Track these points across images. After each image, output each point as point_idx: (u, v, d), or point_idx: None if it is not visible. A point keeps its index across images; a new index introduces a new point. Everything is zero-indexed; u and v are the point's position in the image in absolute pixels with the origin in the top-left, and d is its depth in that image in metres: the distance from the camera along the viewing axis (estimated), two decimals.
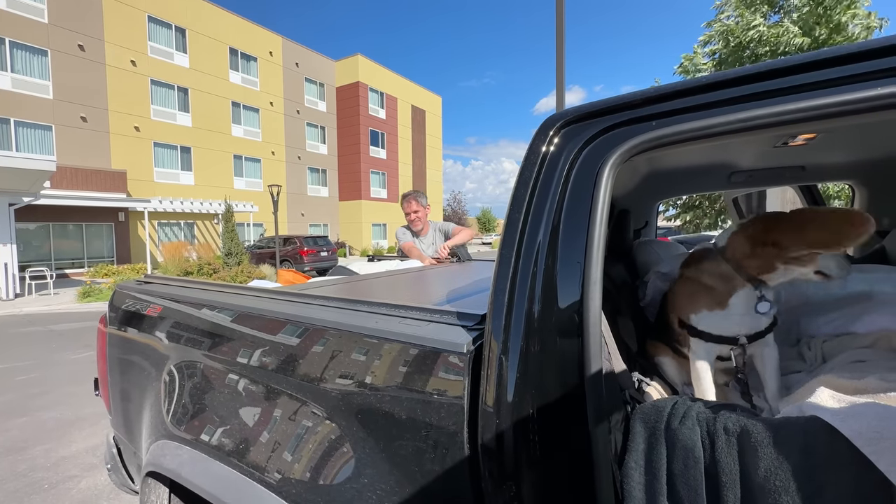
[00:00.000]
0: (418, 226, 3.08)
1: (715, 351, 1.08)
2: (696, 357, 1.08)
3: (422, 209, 3.06)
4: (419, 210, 3.05)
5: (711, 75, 0.73)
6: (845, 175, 1.68)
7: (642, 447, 0.75)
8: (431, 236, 3.12)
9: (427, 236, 3.12)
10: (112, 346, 1.56)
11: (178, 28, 19.55)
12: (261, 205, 21.34)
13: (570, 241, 0.77)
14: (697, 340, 1.08)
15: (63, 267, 15.69)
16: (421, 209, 3.06)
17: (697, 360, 1.08)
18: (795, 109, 0.64)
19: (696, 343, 1.09)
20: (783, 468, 0.64)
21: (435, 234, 3.13)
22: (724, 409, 0.74)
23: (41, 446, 3.09)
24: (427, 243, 3.09)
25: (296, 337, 1.02)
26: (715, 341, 1.05)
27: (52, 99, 15.80)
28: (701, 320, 1.07)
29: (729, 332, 1.04)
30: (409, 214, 3.06)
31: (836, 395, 0.71)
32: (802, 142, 1.12)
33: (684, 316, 1.11)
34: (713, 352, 1.08)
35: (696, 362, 1.08)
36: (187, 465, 1.10)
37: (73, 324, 7.73)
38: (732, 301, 1.04)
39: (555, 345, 0.75)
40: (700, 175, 1.62)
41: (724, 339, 1.04)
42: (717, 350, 1.08)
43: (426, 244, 3.09)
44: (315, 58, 26.64)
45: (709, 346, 1.07)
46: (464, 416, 0.75)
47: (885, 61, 0.61)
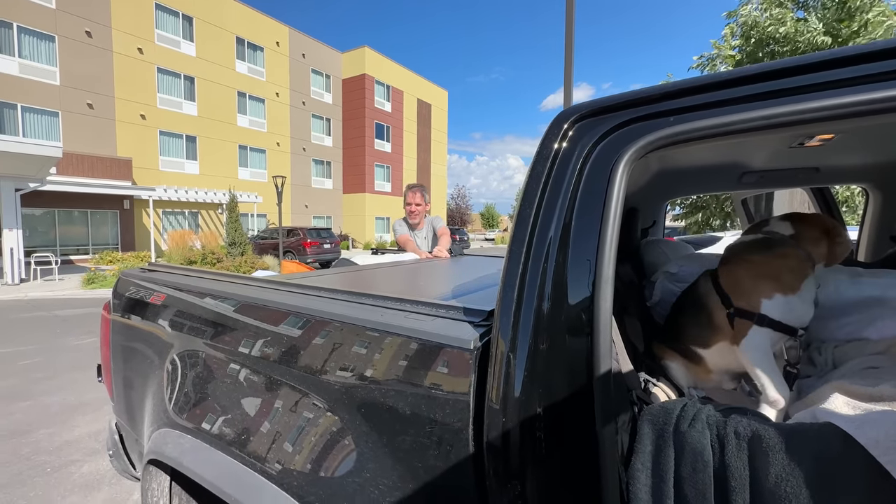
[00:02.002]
0: (416, 219, 3.15)
1: (776, 343, 1.05)
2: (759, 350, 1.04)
3: (424, 203, 3.14)
4: (422, 204, 3.13)
5: (732, 71, 0.71)
6: (860, 178, 1.65)
7: (649, 449, 0.74)
8: (426, 231, 3.21)
9: (422, 230, 3.20)
10: (115, 333, 1.56)
11: (186, 16, 19.49)
12: (265, 195, 21.37)
13: (582, 239, 0.75)
14: (762, 331, 1.04)
15: (68, 253, 15.80)
16: (423, 203, 3.14)
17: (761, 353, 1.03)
18: (818, 108, 0.62)
19: (759, 334, 1.04)
20: (795, 475, 0.63)
21: (428, 229, 3.22)
22: (734, 413, 0.72)
23: (45, 430, 3.12)
24: (422, 237, 3.18)
25: (299, 328, 1.01)
26: (783, 330, 1.03)
27: (58, 85, 15.82)
28: (775, 306, 1.03)
29: (799, 321, 1.02)
30: (410, 205, 3.12)
31: (851, 401, 0.70)
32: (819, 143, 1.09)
33: (752, 302, 1.06)
34: (777, 344, 1.05)
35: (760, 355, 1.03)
36: (189, 454, 1.10)
37: (77, 310, 7.79)
38: (805, 286, 1.04)
39: (564, 343, 0.73)
40: (711, 174, 1.60)
41: (788, 329, 1.02)
42: (778, 341, 1.05)
43: (420, 238, 3.18)
44: (322, 49, 26.53)
45: (775, 336, 1.04)
46: (469, 413, 0.74)
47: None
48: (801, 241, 1.09)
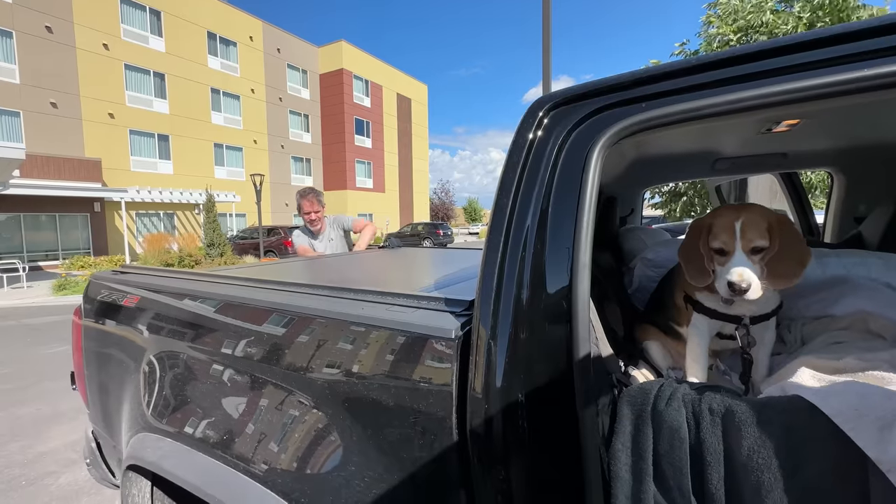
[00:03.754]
0: (317, 226, 3.12)
1: (715, 328, 1.09)
2: (696, 333, 1.09)
3: (322, 209, 3.12)
4: (320, 210, 3.10)
5: (700, 56, 0.72)
6: (825, 162, 1.71)
7: (629, 429, 0.76)
8: (327, 233, 3.18)
9: (323, 235, 3.17)
10: (88, 338, 1.51)
11: (153, 10, 18.77)
12: (243, 195, 20.89)
13: (558, 226, 0.76)
14: (701, 317, 1.08)
15: (37, 259, 15.15)
16: (321, 209, 3.11)
17: (696, 336, 1.09)
18: (784, 91, 0.64)
19: (699, 319, 1.09)
20: (766, 446, 0.65)
21: (331, 230, 3.19)
22: (708, 391, 0.75)
23: (17, 443, 3.00)
24: (324, 243, 3.15)
25: (280, 326, 0.99)
26: (720, 318, 1.06)
27: (19, 84, 15.08)
28: (708, 297, 1.07)
29: (734, 311, 1.04)
30: (309, 214, 3.07)
31: (817, 374, 0.73)
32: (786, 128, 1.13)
33: (691, 291, 1.11)
34: (714, 329, 1.09)
35: (695, 338, 1.09)
36: (169, 458, 1.08)
37: (48, 317, 7.50)
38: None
39: (543, 330, 0.74)
40: (685, 162, 1.63)
41: (729, 318, 1.05)
42: (717, 328, 1.09)
43: (323, 244, 3.14)
44: (297, 43, 25.97)
45: (711, 323, 1.07)
46: (452, 403, 0.75)
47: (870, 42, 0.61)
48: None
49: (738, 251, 0.96)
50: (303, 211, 3.06)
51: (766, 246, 0.95)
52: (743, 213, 0.98)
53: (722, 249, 0.98)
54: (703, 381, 1.07)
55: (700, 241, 1.03)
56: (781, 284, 0.96)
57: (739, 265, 0.94)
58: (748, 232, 0.96)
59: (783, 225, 0.97)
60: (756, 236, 0.95)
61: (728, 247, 0.97)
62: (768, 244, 0.95)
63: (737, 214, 0.98)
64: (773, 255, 0.95)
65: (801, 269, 0.93)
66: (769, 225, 0.96)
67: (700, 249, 1.02)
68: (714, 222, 1.01)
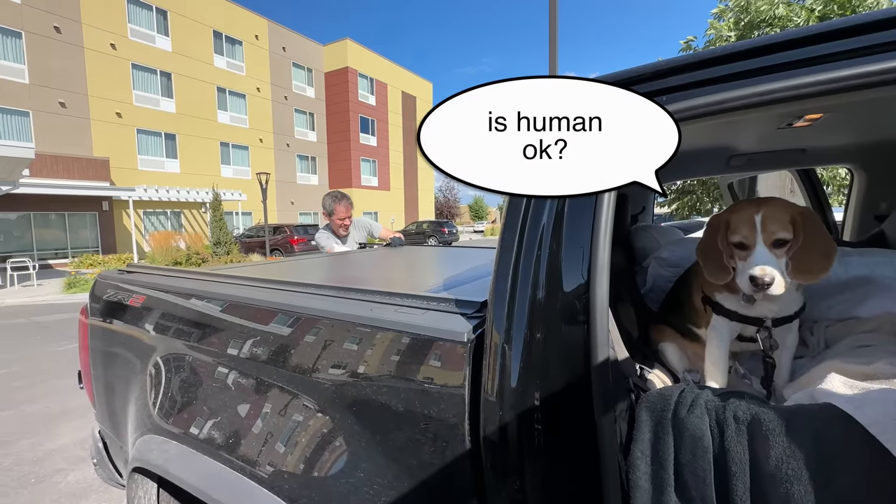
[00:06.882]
0: (345, 232, 3.09)
1: (736, 331, 1.04)
2: (716, 336, 1.04)
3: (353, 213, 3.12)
4: (351, 216, 3.08)
5: (722, 47, 0.69)
6: (845, 158, 1.66)
7: (648, 437, 0.73)
8: (352, 236, 3.17)
9: (349, 238, 3.15)
10: (94, 337, 1.50)
11: (160, 10, 18.86)
12: (249, 193, 20.97)
13: (575, 224, 0.73)
14: (721, 319, 1.04)
15: (46, 257, 15.33)
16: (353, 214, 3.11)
17: (716, 339, 1.04)
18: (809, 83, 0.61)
19: (719, 321, 1.04)
20: (796, 457, 0.62)
21: (355, 233, 3.18)
22: (733, 397, 0.72)
23: (27, 440, 3.02)
24: (350, 245, 3.13)
25: (287, 327, 0.97)
26: (740, 320, 1.01)
27: (28, 84, 15.22)
28: (728, 297, 1.03)
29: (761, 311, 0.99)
30: (344, 220, 3.04)
31: (849, 381, 0.69)
32: (807, 123, 1.09)
33: (710, 291, 1.07)
34: (734, 332, 1.04)
35: (714, 341, 1.04)
36: (175, 461, 1.07)
37: (57, 315, 7.57)
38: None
39: (560, 332, 0.71)
40: (699, 158, 1.59)
41: (750, 320, 1.00)
42: (737, 330, 1.04)
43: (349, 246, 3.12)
44: (302, 42, 25.99)
45: (732, 325, 1.03)
46: (465, 408, 0.72)
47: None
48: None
49: (759, 244, 0.92)
50: (336, 216, 2.99)
51: (789, 238, 0.91)
52: (763, 206, 0.94)
53: (742, 244, 0.94)
54: (724, 385, 1.03)
55: (718, 237, 0.99)
56: (807, 279, 0.92)
57: (762, 258, 0.90)
58: (769, 224, 0.91)
59: (807, 217, 0.92)
60: (778, 228, 0.91)
61: (749, 241, 0.93)
62: (791, 237, 0.91)
63: (757, 208, 0.94)
64: (798, 249, 0.91)
65: (827, 263, 0.88)
66: (792, 217, 0.92)
67: (718, 245, 0.98)
68: (733, 216, 0.97)
